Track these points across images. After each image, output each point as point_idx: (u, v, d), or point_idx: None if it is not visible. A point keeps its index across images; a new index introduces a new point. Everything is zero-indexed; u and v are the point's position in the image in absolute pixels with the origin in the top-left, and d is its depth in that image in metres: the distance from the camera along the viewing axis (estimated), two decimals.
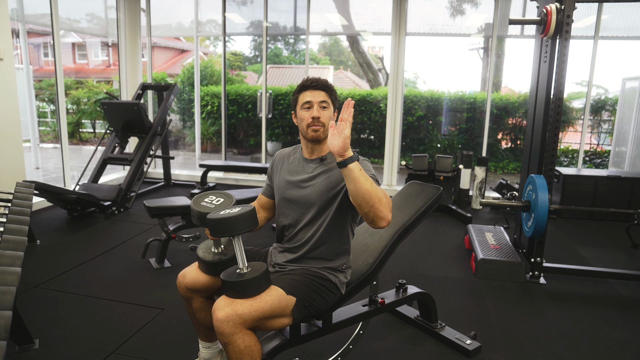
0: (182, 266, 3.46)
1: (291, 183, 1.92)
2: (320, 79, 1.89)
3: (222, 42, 6.96)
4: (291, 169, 1.95)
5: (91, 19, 6.75)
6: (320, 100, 1.85)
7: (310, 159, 1.92)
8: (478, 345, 2.41)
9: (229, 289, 1.64)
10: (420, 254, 3.97)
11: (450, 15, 6.83)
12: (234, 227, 1.59)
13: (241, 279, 1.62)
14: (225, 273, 1.69)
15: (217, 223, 1.59)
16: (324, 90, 1.87)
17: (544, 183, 3.19)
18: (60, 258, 3.60)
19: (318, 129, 1.85)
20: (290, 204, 1.92)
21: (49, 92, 11.72)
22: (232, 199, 1.84)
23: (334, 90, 1.91)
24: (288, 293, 1.70)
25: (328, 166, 1.88)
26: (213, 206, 1.80)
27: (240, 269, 1.66)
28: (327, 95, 1.87)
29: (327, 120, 1.85)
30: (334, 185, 1.83)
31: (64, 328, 2.56)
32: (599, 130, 8.37)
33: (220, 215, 1.61)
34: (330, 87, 1.89)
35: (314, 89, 1.87)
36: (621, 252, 4.16)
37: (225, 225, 1.59)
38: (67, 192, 4.29)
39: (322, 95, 1.86)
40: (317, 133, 1.85)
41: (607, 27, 5.84)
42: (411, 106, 8.45)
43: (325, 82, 1.89)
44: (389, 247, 2.14)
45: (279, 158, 2.04)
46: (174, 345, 2.43)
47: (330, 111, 1.88)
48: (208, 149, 9.92)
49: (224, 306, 1.58)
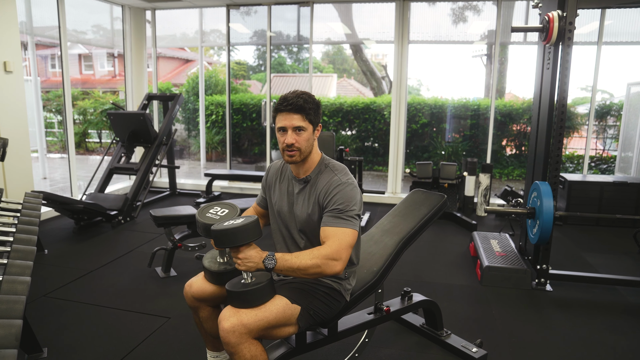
0: (188, 275, 3.49)
1: (281, 199, 1.93)
2: (296, 99, 1.75)
3: (226, 52, 7.03)
4: (282, 185, 1.95)
5: (97, 30, 6.83)
6: (295, 127, 1.76)
7: (298, 178, 1.89)
8: (484, 353, 2.41)
9: (234, 299, 1.65)
10: (426, 261, 3.97)
11: (453, 23, 6.86)
12: (237, 238, 1.61)
13: (246, 289, 1.64)
14: (230, 283, 1.71)
15: (221, 234, 1.62)
16: (299, 112, 1.75)
17: (548, 190, 3.19)
18: (68, 267, 3.63)
19: (293, 154, 1.78)
20: (281, 218, 1.94)
21: (56, 102, 11.82)
22: (237, 210, 1.86)
23: (312, 108, 1.78)
24: (293, 302, 1.71)
25: (311, 188, 1.85)
26: (218, 217, 1.82)
27: (244, 279, 1.68)
28: (303, 118, 1.76)
29: (304, 144, 1.78)
30: (315, 205, 1.82)
31: (71, 337, 2.58)
32: (605, 135, 8.34)
33: (224, 226, 1.63)
34: (307, 107, 1.76)
35: (288, 111, 1.76)
36: (628, 259, 4.14)
37: (229, 236, 1.61)
38: (74, 202, 4.33)
39: (296, 119, 1.75)
40: (293, 158, 1.79)
41: (610, 32, 5.83)
42: (415, 113, 8.46)
43: (301, 102, 1.75)
44: (393, 255, 2.15)
45: (273, 172, 2.02)
46: (180, 354, 2.44)
47: (307, 133, 1.78)
48: (213, 158, 9.96)
49: (229, 316, 1.60)
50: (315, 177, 1.85)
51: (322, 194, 1.79)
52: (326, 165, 1.88)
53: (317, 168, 1.87)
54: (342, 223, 1.72)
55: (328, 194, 1.77)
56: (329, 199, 1.76)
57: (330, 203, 1.75)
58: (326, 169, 1.86)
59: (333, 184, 1.78)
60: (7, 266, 2.03)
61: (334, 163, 1.89)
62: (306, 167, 1.87)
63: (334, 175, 1.82)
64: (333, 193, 1.76)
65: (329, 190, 1.77)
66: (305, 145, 1.80)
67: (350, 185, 1.79)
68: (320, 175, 1.85)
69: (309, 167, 1.87)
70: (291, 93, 1.79)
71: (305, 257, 1.64)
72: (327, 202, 1.76)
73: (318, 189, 1.81)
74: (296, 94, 1.78)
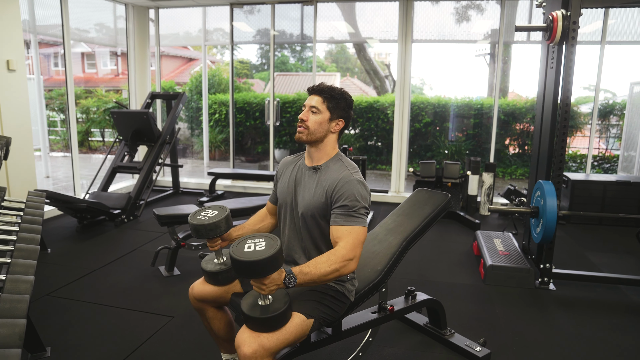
0: (191, 274, 3.50)
1: (288, 189, 1.93)
2: (322, 84, 1.88)
3: (229, 51, 7.02)
4: (290, 176, 1.95)
5: (100, 29, 6.83)
6: (312, 105, 1.84)
7: (308, 166, 1.91)
8: (488, 352, 2.40)
9: (254, 323, 1.58)
10: (429, 260, 3.96)
11: (456, 22, 6.84)
12: (267, 269, 1.50)
13: (267, 315, 1.55)
14: (247, 305, 1.61)
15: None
16: (319, 94, 1.85)
17: (552, 189, 3.18)
18: (71, 266, 3.63)
19: (302, 130, 1.85)
20: (285, 209, 1.94)
21: (59, 101, 11.85)
22: (226, 210, 1.89)
23: (335, 97, 1.86)
24: (308, 317, 1.70)
25: (320, 176, 1.85)
26: (207, 218, 1.84)
27: (262, 301, 1.59)
28: (321, 101, 1.84)
29: (314, 125, 1.83)
30: (320, 197, 1.81)
31: (75, 336, 2.58)
32: (608, 134, 8.32)
33: (251, 257, 1.53)
34: (329, 93, 1.85)
35: (312, 93, 1.87)
36: (631, 258, 4.13)
37: (256, 268, 1.50)
38: (78, 201, 4.34)
39: (315, 99, 1.85)
40: (300, 134, 1.85)
41: (614, 31, 5.81)
42: (418, 112, 8.44)
43: (324, 87, 1.87)
44: (397, 254, 2.15)
45: (283, 164, 2.05)
46: (185, 353, 2.44)
47: (321, 116, 1.84)
48: (216, 157, 9.96)
49: (250, 342, 1.54)
50: (326, 167, 1.86)
51: (332, 185, 1.79)
52: (339, 159, 1.89)
53: (331, 161, 1.88)
54: (353, 221, 1.73)
55: (338, 188, 1.76)
56: (339, 193, 1.75)
57: (341, 198, 1.75)
58: (339, 162, 1.88)
59: (345, 178, 1.78)
60: (10, 265, 2.03)
61: (347, 159, 1.91)
62: (319, 155, 1.89)
63: (346, 169, 1.83)
64: (344, 188, 1.75)
65: (339, 183, 1.77)
66: (315, 126, 1.83)
67: (361, 182, 1.80)
68: (333, 166, 1.86)
69: (322, 157, 1.89)
70: (321, 82, 1.91)
71: (323, 265, 1.62)
72: (337, 196, 1.76)
73: (329, 179, 1.81)
74: (330, 85, 1.89)
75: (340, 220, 1.73)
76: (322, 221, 1.83)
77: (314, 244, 1.87)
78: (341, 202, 1.74)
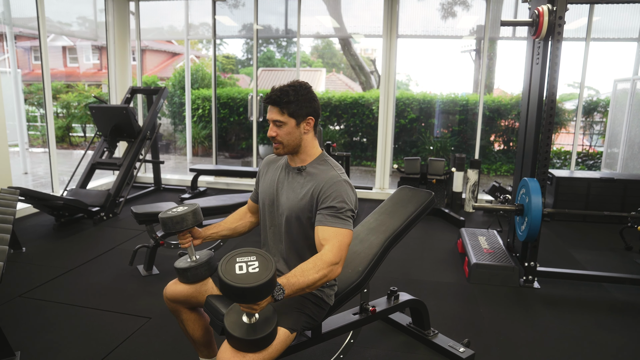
0: (170, 273, 3.41)
1: (270, 189, 1.88)
2: (276, 92, 1.72)
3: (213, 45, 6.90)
4: (274, 175, 1.90)
5: (82, 22, 6.67)
6: (274, 120, 1.74)
7: (292, 166, 1.85)
8: (472, 353, 2.37)
9: (239, 344, 1.47)
10: (413, 258, 3.92)
11: (442, 18, 6.81)
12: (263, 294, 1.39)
13: (255, 336, 1.45)
14: (230, 322, 1.49)
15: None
16: (277, 105, 1.72)
17: (537, 186, 3.16)
18: (46, 266, 3.52)
19: (277, 146, 1.78)
20: (265, 209, 1.90)
21: (38, 96, 11.59)
22: (195, 205, 1.85)
23: (291, 101, 1.71)
24: (292, 331, 1.65)
25: (305, 177, 1.80)
26: (176, 214, 1.79)
27: (249, 320, 1.49)
28: (279, 112, 1.72)
29: (285, 137, 1.75)
30: (306, 197, 1.75)
31: (47, 339, 2.49)
32: (591, 131, 8.38)
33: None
34: (283, 100, 1.70)
35: (270, 104, 1.74)
36: (615, 255, 4.14)
37: (253, 294, 1.38)
38: (54, 198, 4.21)
39: (274, 112, 1.73)
40: (277, 151, 1.79)
41: (598, 28, 5.84)
42: (403, 108, 8.42)
43: (277, 94, 1.71)
44: (379, 254, 2.09)
45: (266, 162, 2.00)
46: (161, 356, 2.36)
47: (287, 127, 1.73)
48: (199, 153, 9.84)
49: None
50: (311, 167, 1.80)
51: (318, 185, 1.73)
52: (325, 159, 1.84)
53: (316, 161, 1.82)
54: (340, 223, 1.67)
55: (326, 189, 1.71)
56: (327, 194, 1.70)
57: (328, 199, 1.69)
58: (325, 163, 1.82)
59: (332, 179, 1.72)
60: None
61: (333, 160, 1.86)
62: (302, 157, 1.82)
63: (333, 170, 1.77)
64: (332, 189, 1.70)
65: (327, 184, 1.71)
66: (288, 138, 1.75)
67: (348, 183, 1.74)
68: (319, 166, 1.80)
69: (305, 159, 1.82)
70: (281, 85, 1.75)
71: (310, 272, 1.53)
72: (324, 197, 1.70)
73: (315, 180, 1.75)
74: (281, 86, 1.74)
75: (326, 220, 1.67)
76: (306, 224, 1.77)
77: (294, 248, 1.82)
78: (328, 203, 1.68)
